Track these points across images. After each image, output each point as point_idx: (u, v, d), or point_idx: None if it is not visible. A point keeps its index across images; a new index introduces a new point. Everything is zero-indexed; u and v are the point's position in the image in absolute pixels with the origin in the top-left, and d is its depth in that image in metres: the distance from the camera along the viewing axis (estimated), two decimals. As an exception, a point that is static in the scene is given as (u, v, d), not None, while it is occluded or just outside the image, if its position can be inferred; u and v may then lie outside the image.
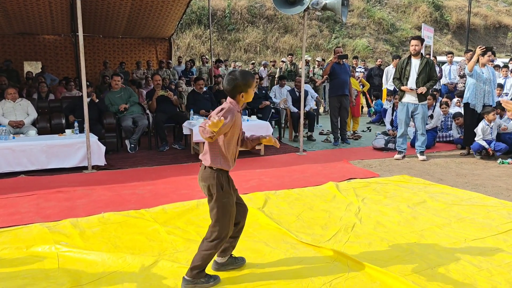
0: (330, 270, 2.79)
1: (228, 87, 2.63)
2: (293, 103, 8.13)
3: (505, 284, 2.60)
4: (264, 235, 3.43)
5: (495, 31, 27.82)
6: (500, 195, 4.52)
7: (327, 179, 5.17)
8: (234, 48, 20.31)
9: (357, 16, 24.45)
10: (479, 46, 6.34)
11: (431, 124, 7.22)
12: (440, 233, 3.44)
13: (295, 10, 6.08)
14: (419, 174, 5.46)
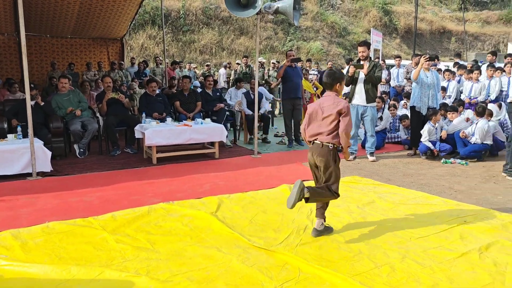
0: (281, 274, 2.81)
1: (329, 80, 3.50)
2: (248, 105, 8.15)
3: (445, 280, 2.72)
4: (217, 240, 3.40)
5: (439, 36, 29.29)
6: (443, 193, 4.75)
7: (281, 182, 5.22)
8: (190, 50, 20.10)
9: (311, 20, 24.93)
10: (423, 55, 6.64)
11: (381, 126, 7.48)
12: (388, 233, 3.56)
13: (248, 13, 6.10)
14: (369, 175, 5.63)
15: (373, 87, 6.45)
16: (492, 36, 30.35)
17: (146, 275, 2.78)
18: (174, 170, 5.91)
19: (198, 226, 3.70)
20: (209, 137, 6.70)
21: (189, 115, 7.47)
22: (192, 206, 4.23)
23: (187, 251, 3.17)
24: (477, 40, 30.11)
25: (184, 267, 2.91)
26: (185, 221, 3.81)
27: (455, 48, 28.87)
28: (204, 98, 7.96)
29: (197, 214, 3.98)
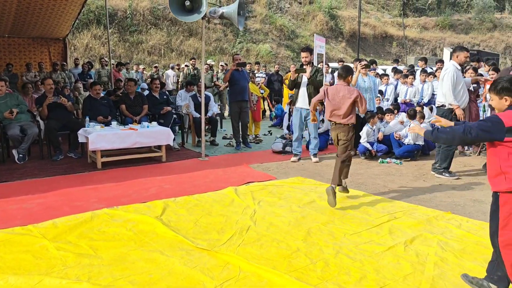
0: (223, 274, 2.93)
1: (344, 72, 4.64)
2: (196, 108, 8.21)
3: (373, 272, 2.97)
4: (161, 244, 3.46)
5: (382, 40, 30.70)
6: (378, 191, 5.08)
7: (227, 184, 5.34)
8: (137, 51, 19.74)
9: (260, 22, 25.29)
10: (359, 62, 7.03)
11: (323, 128, 7.81)
12: (325, 230, 3.78)
13: (193, 18, 6.17)
14: (312, 175, 5.89)
15: (315, 91, 6.71)
16: (429, 41, 32.23)
17: (88, 281, 2.80)
18: (119, 174, 5.87)
19: (142, 230, 3.74)
20: (155, 141, 6.70)
21: (135, 119, 7.41)
22: (137, 210, 4.25)
23: (130, 256, 3.21)
24: (416, 44, 31.85)
25: (127, 271, 2.96)
26: (129, 226, 3.83)
27: (396, 52, 30.39)
28: (151, 101, 7.92)
29: (142, 218, 4.01)
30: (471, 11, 35.02)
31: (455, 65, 5.60)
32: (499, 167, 2.48)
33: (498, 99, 2.58)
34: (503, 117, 2.45)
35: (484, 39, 33.02)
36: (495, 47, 32.09)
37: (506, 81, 2.55)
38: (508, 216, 2.43)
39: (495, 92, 2.59)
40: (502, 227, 2.46)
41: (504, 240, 2.45)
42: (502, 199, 2.47)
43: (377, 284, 2.79)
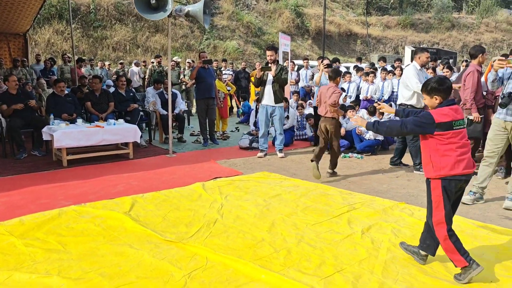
0: (190, 264, 3.07)
1: (333, 75, 5.65)
2: (163, 105, 8.25)
3: (331, 258, 3.19)
4: (129, 238, 3.56)
5: (347, 38, 31.38)
6: (339, 184, 5.34)
7: (195, 180, 5.46)
8: (102, 46, 19.38)
9: (227, 19, 25.32)
10: (322, 62, 7.29)
11: (288, 124, 8.04)
12: (288, 221, 3.98)
13: (158, 16, 6.22)
14: (277, 170, 6.09)
15: (280, 89, 6.93)
16: (392, 39, 33.23)
17: (58, 275, 2.87)
18: (86, 172, 5.87)
19: (111, 225, 3.82)
20: (122, 138, 6.71)
21: (101, 116, 7.38)
22: (105, 207, 4.31)
23: (100, 250, 3.30)
24: (380, 43, 32.77)
25: (96, 264, 3.05)
26: (98, 221, 3.90)
27: (360, 50, 31.15)
28: (117, 98, 7.90)
29: (110, 214, 4.08)
30: (431, 10, 36.34)
31: (415, 65, 5.85)
32: (429, 156, 2.87)
33: (429, 98, 2.93)
34: (434, 114, 2.82)
35: (443, 38, 34.38)
36: (453, 46, 33.47)
37: (434, 82, 2.89)
38: (437, 200, 2.84)
39: (426, 93, 2.94)
40: (434, 208, 2.87)
41: (436, 220, 2.85)
42: (432, 184, 2.88)
43: (335, 269, 3.00)
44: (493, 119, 4.51)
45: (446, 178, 2.83)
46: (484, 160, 4.54)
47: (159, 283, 2.79)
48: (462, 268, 2.79)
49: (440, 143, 2.83)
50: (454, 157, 2.82)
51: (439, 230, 2.83)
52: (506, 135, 4.34)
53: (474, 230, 3.78)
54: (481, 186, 4.56)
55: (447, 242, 2.81)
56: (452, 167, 2.81)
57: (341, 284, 2.80)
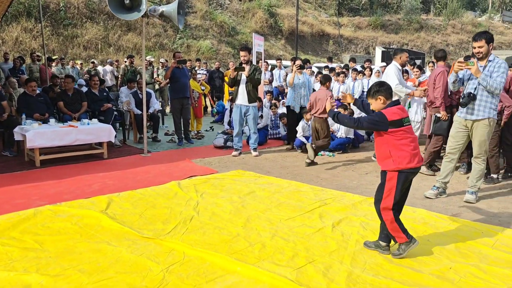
0: (168, 259, 3.17)
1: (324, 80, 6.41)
2: (137, 105, 8.24)
3: (303, 250, 3.35)
4: (107, 235, 3.61)
5: (319, 38, 31.85)
6: (311, 181, 5.53)
7: (170, 178, 5.53)
8: (72, 45, 19.01)
9: (200, 18, 25.28)
10: (295, 64, 7.48)
11: (262, 124, 8.19)
12: (262, 217, 4.12)
13: (132, 16, 6.25)
14: (252, 168, 6.23)
15: (254, 89, 7.06)
16: (363, 40, 33.94)
17: (36, 272, 2.91)
18: (60, 172, 5.84)
19: (87, 224, 3.86)
20: (96, 138, 6.70)
21: (74, 116, 7.33)
22: (81, 206, 4.34)
23: (77, 248, 3.35)
24: (351, 43, 33.40)
25: (75, 262, 3.10)
26: (74, 220, 3.93)
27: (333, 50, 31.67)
28: (90, 98, 7.85)
29: (87, 213, 4.12)
30: (401, 12, 37.31)
31: (396, 65, 6.12)
32: (389, 151, 3.14)
33: (374, 101, 3.22)
34: (386, 113, 3.11)
35: (412, 39, 35.36)
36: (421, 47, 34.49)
37: (375, 86, 3.23)
38: (390, 189, 3.14)
39: (371, 97, 3.24)
40: (385, 197, 3.16)
41: (384, 207, 3.15)
42: (389, 175, 3.17)
43: (307, 260, 3.17)
44: (455, 117, 4.78)
45: (403, 171, 3.12)
46: (446, 156, 4.82)
47: (138, 278, 2.88)
48: (402, 243, 3.16)
49: (396, 139, 3.11)
50: (410, 151, 3.11)
51: (386, 214, 3.15)
52: (467, 132, 4.62)
53: (437, 222, 4.03)
54: (443, 181, 4.83)
55: (394, 224, 3.13)
56: (409, 161, 3.11)
57: (312, 274, 2.96)
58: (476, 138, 4.54)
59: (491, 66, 4.41)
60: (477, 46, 4.42)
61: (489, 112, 4.43)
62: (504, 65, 4.39)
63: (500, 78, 4.32)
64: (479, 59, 4.48)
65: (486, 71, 4.40)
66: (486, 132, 4.47)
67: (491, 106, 4.42)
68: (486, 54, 4.43)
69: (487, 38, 4.39)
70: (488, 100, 4.42)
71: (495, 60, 4.43)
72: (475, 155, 4.61)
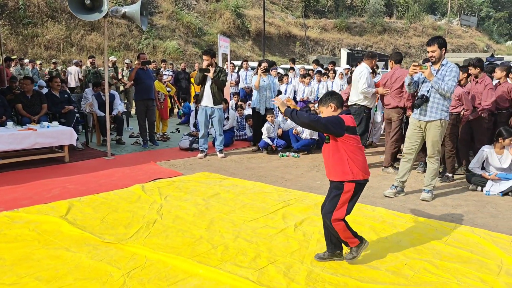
0: (129, 263, 3.14)
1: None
2: (100, 106, 8.08)
3: (266, 251, 3.40)
4: (66, 241, 3.54)
5: (286, 39, 32.16)
6: (276, 182, 5.60)
7: (134, 181, 5.46)
8: (32, 45, 18.40)
9: (167, 18, 25.01)
10: (260, 67, 7.56)
11: (228, 125, 8.22)
12: (226, 219, 4.15)
13: (93, 17, 6.13)
14: (217, 170, 6.24)
15: (219, 91, 7.07)
16: (329, 41, 34.55)
17: (-10, 281, 2.82)
18: (17, 176, 5.65)
19: (46, 230, 3.77)
20: (57, 141, 6.52)
21: (33, 118, 7.11)
22: (40, 211, 4.23)
23: (35, 255, 3.26)
24: (318, 45, 33.92)
25: (32, 269, 3.02)
26: (32, 226, 3.83)
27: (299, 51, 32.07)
28: (51, 100, 7.64)
29: (45, 218, 4.02)
30: (365, 15, 38.22)
31: (367, 68, 6.30)
32: (346, 160, 3.00)
33: (325, 108, 3.12)
34: (343, 117, 3.01)
35: (376, 41, 36.31)
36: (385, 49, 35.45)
37: (326, 94, 3.17)
38: (344, 201, 3.02)
39: (322, 104, 3.15)
40: (338, 208, 3.02)
41: (335, 218, 3.01)
42: (347, 187, 3.01)
43: (269, 261, 3.22)
44: (410, 119, 4.98)
45: (359, 182, 3.03)
46: (403, 156, 5.00)
47: (98, 284, 2.84)
48: (354, 246, 3.13)
49: (352, 148, 3.00)
50: (364, 162, 3.07)
51: (338, 224, 3.03)
52: (421, 133, 4.82)
53: (395, 220, 4.18)
54: (401, 180, 5.01)
55: (346, 232, 3.07)
56: (365, 171, 3.06)
57: (273, 274, 3.01)
58: (429, 139, 4.74)
59: (444, 70, 4.62)
60: (430, 50, 4.62)
61: (441, 114, 4.64)
62: (456, 69, 4.61)
63: (451, 81, 4.53)
64: (433, 63, 4.68)
65: (438, 75, 4.61)
66: (438, 133, 4.68)
67: (442, 108, 4.64)
68: (439, 58, 4.63)
69: (440, 43, 4.59)
70: (440, 102, 4.63)
71: (448, 64, 4.65)
72: (429, 155, 4.82)
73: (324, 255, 3.25)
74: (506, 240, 3.70)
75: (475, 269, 3.14)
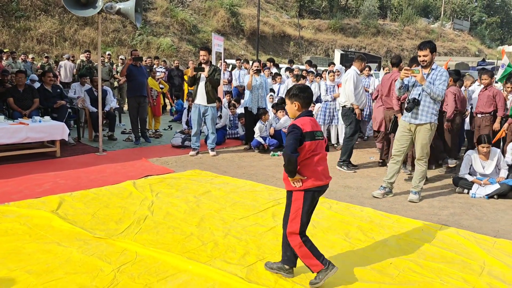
0: (120, 258, 3.18)
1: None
2: (92, 102, 8.07)
3: (255, 248, 3.46)
4: (57, 236, 3.57)
5: (281, 39, 32.22)
6: (267, 181, 5.66)
7: (126, 178, 5.48)
8: (25, 38, 18.23)
9: (161, 15, 24.93)
10: (252, 68, 7.61)
11: (221, 124, 8.25)
12: (217, 216, 4.20)
13: (88, 13, 6.13)
14: (208, 168, 6.28)
15: (213, 89, 7.10)
16: (323, 42, 34.67)
17: (-19, 274, 2.85)
18: (8, 171, 5.64)
19: (37, 224, 3.79)
20: (48, 136, 6.52)
21: (24, 113, 7.08)
22: (31, 206, 4.25)
23: (26, 249, 3.29)
24: (312, 45, 34.03)
25: (23, 263, 3.05)
26: (23, 220, 3.84)
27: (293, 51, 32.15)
28: (43, 94, 7.61)
29: (36, 213, 4.04)
30: (359, 16, 38.42)
31: (356, 70, 6.38)
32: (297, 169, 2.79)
33: (290, 103, 2.91)
34: (298, 123, 2.80)
35: (369, 43, 36.53)
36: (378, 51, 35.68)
37: (296, 89, 2.90)
38: (296, 211, 2.84)
39: (288, 98, 2.93)
40: (291, 220, 2.86)
41: (290, 231, 2.86)
42: (295, 196, 2.86)
43: (257, 258, 3.28)
44: (399, 121, 5.06)
45: (310, 190, 2.83)
46: (392, 158, 5.09)
47: (88, 278, 2.88)
48: (319, 272, 2.79)
49: (307, 155, 2.81)
50: (318, 169, 2.83)
51: (293, 239, 2.83)
52: (411, 136, 4.90)
53: (382, 220, 4.26)
54: (390, 181, 5.10)
55: (303, 249, 2.80)
56: (318, 178, 2.82)
57: (262, 271, 3.07)
58: (418, 141, 4.83)
59: (434, 74, 4.71)
60: (422, 54, 4.70)
61: (431, 117, 4.73)
62: (446, 74, 4.72)
63: (442, 85, 4.63)
64: (424, 67, 4.77)
65: (429, 79, 4.70)
66: (428, 135, 4.77)
67: (432, 112, 4.73)
68: (430, 62, 4.73)
69: (431, 47, 4.68)
70: (431, 106, 4.72)
71: (438, 68, 4.74)
72: (418, 157, 4.91)
73: (273, 264, 3.07)
74: (489, 241, 3.80)
75: (459, 270, 3.23)
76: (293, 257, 2.96)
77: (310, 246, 2.83)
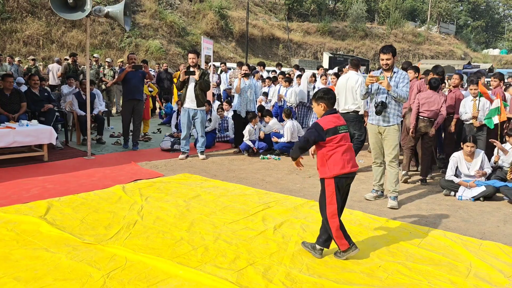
0: (109, 264, 3.16)
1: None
2: (80, 106, 8.01)
3: (245, 252, 3.47)
4: (45, 242, 3.53)
5: (270, 42, 32.34)
6: (257, 185, 5.67)
7: (115, 182, 5.45)
8: (11, 40, 18.02)
9: (150, 17, 24.85)
10: (240, 72, 7.64)
11: (210, 127, 8.25)
12: (207, 221, 4.20)
13: (76, 16, 6.09)
14: (198, 172, 6.27)
15: (202, 92, 7.11)
16: (312, 45, 34.89)
17: (-32, 282, 2.81)
18: (-5, 175, 5.57)
19: (25, 230, 3.74)
20: (36, 140, 6.45)
21: (12, 117, 7.00)
22: (18, 211, 4.20)
23: (13, 255, 3.25)
24: (300, 48, 34.22)
25: (10, 270, 3.01)
26: (10, 226, 3.80)
27: (282, 54, 32.27)
28: (30, 98, 7.53)
29: (24, 218, 3.99)
30: (347, 19, 38.74)
31: (359, 75, 6.47)
32: (326, 160, 3.34)
33: (316, 105, 3.46)
34: (321, 122, 3.32)
35: (357, 46, 36.85)
36: (366, 54, 36.01)
37: (321, 92, 3.47)
38: (331, 195, 3.32)
39: (315, 100, 3.47)
40: (328, 203, 3.33)
41: (330, 212, 3.32)
42: (326, 183, 3.36)
43: (248, 262, 3.28)
44: (368, 126, 5.14)
45: (338, 177, 3.32)
46: (373, 162, 5.18)
47: (77, 284, 2.86)
48: (343, 251, 3.34)
49: (332, 148, 3.31)
50: (344, 158, 3.32)
51: (333, 222, 3.31)
52: (380, 138, 4.99)
53: (371, 223, 4.30)
54: (379, 184, 5.16)
55: (339, 232, 3.31)
56: (343, 167, 3.31)
57: (252, 276, 3.08)
58: (389, 143, 4.91)
59: (397, 77, 4.85)
60: (385, 58, 4.79)
61: (397, 118, 4.91)
62: (407, 76, 4.94)
63: (405, 88, 4.81)
64: (386, 70, 4.86)
65: (392, 82, 4.81)
66: (397, 136, 4.91)
67: (398, 114, 4.91)
68: (392, 66, 4.84)
69: (393, 51, 4.81)
70: (396, 108, 4.88)
71: (399, 71, 4.90)
72: (390, 159, 4.94)
73: (308, 243, 3.53)
74: (475, 243, 3.86)
75: (446, 272, 3.27)
76: (327, 240, 3.43)
77: (342, 229, 3.33)
